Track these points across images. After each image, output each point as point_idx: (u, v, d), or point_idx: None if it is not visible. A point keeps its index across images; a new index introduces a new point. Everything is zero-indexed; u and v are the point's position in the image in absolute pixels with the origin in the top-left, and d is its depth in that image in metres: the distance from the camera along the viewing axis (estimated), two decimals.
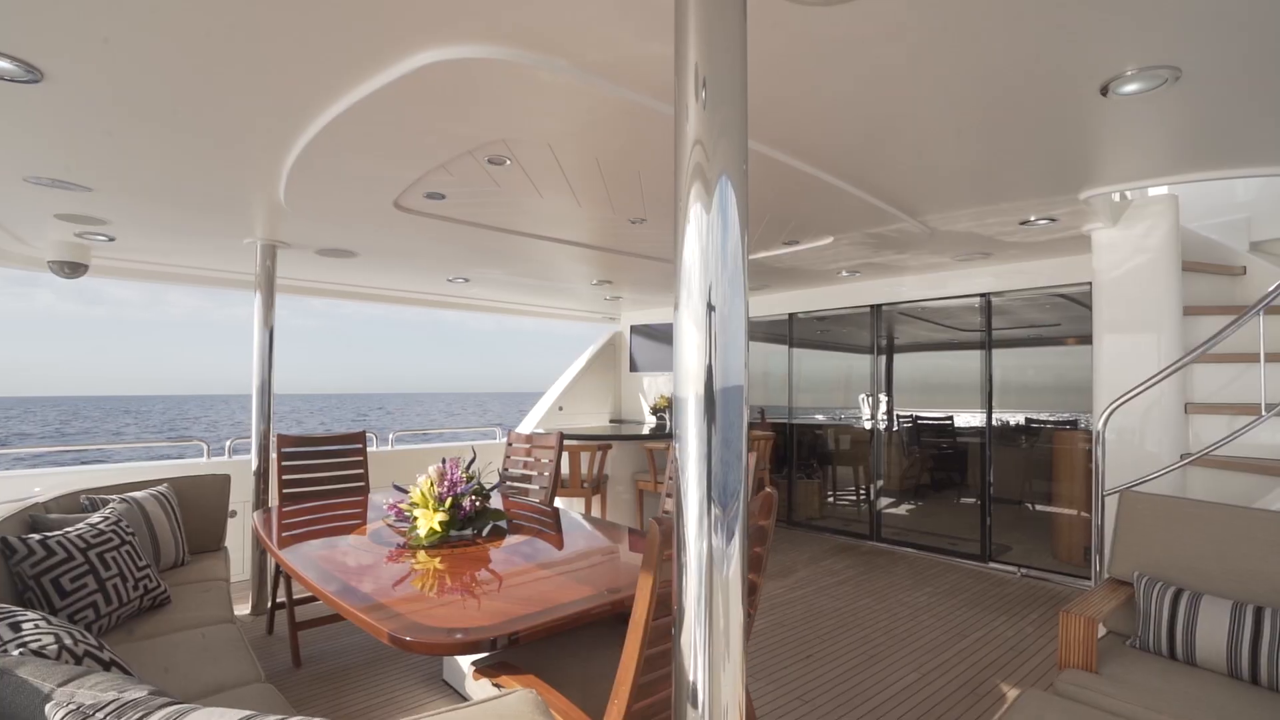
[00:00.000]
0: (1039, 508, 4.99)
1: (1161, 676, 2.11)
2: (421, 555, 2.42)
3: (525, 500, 3.64)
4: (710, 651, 0.99)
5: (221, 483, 3.51)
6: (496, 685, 1.65)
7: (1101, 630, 2.27)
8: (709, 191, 1.01)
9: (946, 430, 5.35)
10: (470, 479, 2.62)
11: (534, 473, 3.90)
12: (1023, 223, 3.50)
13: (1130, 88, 1.87)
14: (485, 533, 2.70)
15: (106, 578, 2.29)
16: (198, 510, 3.36)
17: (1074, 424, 4.98)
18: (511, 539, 2.64)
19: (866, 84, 1.90)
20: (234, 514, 4.10)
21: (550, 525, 2.96)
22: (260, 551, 3.87)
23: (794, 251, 4.30)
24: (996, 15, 1.54)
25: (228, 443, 4.48)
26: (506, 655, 1.79)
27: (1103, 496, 2.88)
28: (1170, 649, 2.23)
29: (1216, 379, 3.29)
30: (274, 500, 3.66)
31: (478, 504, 2.58)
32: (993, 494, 4.85)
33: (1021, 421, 5.10)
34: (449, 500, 2.51)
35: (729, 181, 1.01)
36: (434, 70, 1.79)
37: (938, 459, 5.45)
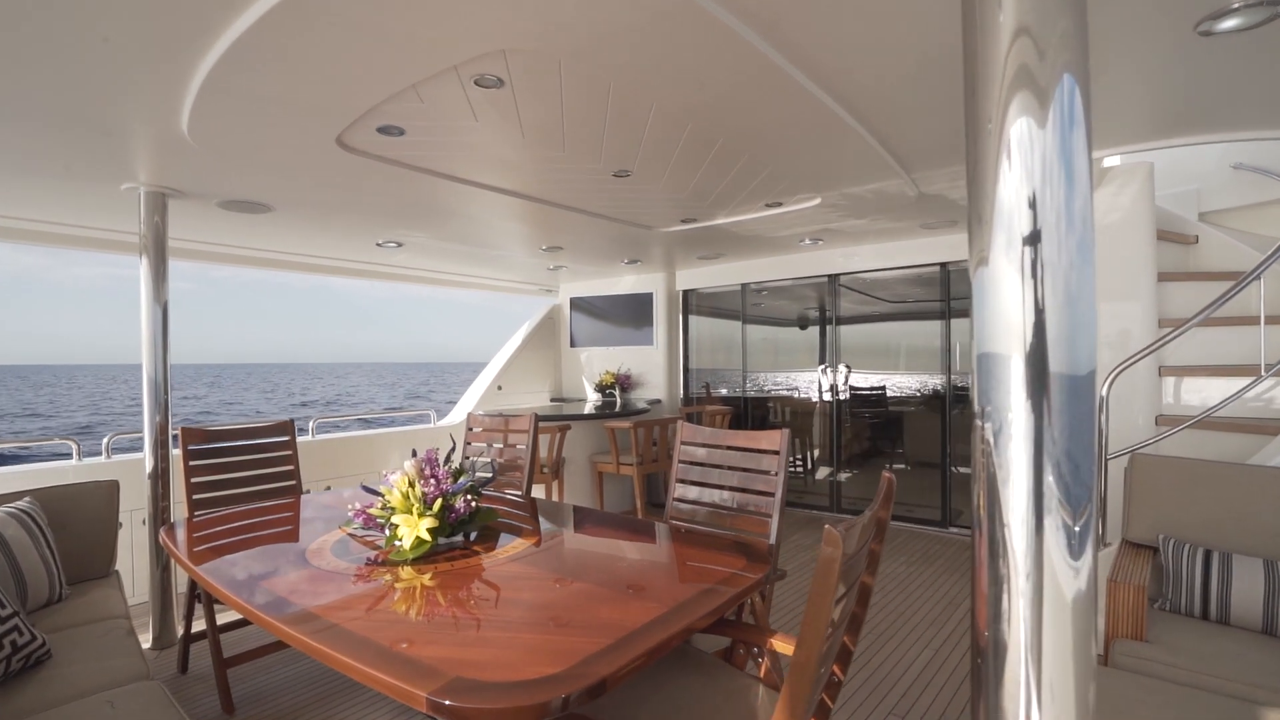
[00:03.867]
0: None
1: (1206, 639, 2.09)
2: (407, 572, 1.95)
3: (498, 493, 3.19)
4: (1054, 703, 0.69)
5: (107, 491, 2.78)
6: None
7: None
8: (1043, 100, 0.70)
9: (903, 400, 5.41)
10: (460, 474, 2.16)
11: (500, 459, 3.45)
12: None
13: (1230, 23, 1.72)
14: (473, 536, 2.26)
15: None
16: (77, 528, 2.63)
17: None
18: (507, 541, 2.22)
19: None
20: (119, 525, 3.33)
21: (534, 520, 2.56)
22: (162, 570, 3.16)
23: (771, 215, 4.06)
24: None
25: (106, 440, 3.63)
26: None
27: (1105, 460, 2.89)
28: (1204, 610, 2.23)
29: (1176, 342, 3.42)
30: (182, 509, 2.98)
31: (474, 504, 2.13)
32: (951, 459, 4.95)
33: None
34: (438, 502, 2.05)
35: (1074, 82, 0.70)
36: None
37: (894, 427, 5.50)
